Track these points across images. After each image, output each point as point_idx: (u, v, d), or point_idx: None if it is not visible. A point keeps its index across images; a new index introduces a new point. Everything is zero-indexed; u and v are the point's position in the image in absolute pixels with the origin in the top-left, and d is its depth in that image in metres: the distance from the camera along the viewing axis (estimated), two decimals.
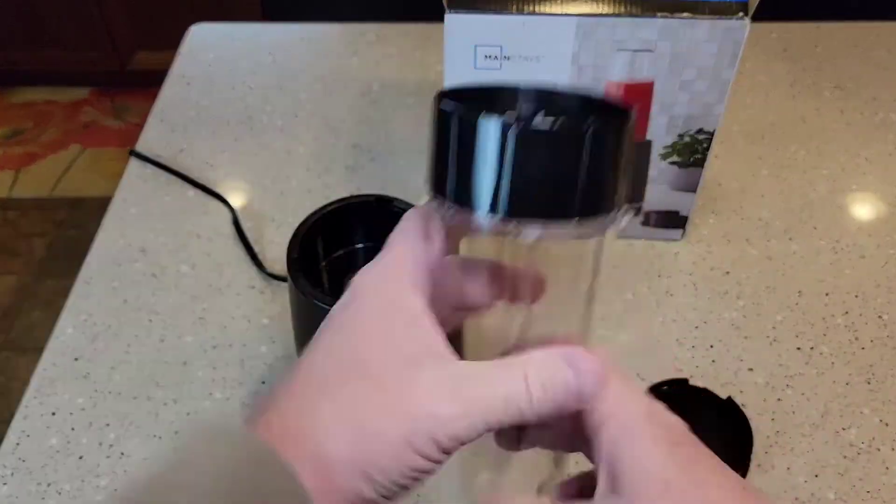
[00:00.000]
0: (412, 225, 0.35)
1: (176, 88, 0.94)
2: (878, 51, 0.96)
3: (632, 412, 0.32)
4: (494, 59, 0.62)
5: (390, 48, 0.98)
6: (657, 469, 0.30)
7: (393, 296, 0.32)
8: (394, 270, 0.33)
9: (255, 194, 0.81)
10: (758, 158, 0.83)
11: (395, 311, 0.32)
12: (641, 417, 0.32)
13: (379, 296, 0.33)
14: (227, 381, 0.64)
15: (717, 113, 0.64)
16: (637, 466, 0.31)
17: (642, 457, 0.31)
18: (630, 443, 0.31)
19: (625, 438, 0.31)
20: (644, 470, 0.30)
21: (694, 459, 0.31)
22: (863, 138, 0.85)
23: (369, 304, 0.33)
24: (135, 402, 0.63)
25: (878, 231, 0.76)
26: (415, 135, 0.87)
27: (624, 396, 0.33)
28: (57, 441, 0.61)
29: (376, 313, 0.32)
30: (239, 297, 0.71)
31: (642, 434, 0.31)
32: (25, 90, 2.42)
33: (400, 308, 0.32)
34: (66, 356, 0.66)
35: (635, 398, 0.33)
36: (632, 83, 0.63)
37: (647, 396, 0.33)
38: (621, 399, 0.32)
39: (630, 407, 0.32)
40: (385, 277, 0.33)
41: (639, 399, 0.33)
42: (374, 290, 0.33)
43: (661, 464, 0.30)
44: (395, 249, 0.34)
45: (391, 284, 0.33)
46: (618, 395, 0.32)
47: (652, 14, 0.59)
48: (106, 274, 0.73)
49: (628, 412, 0.32)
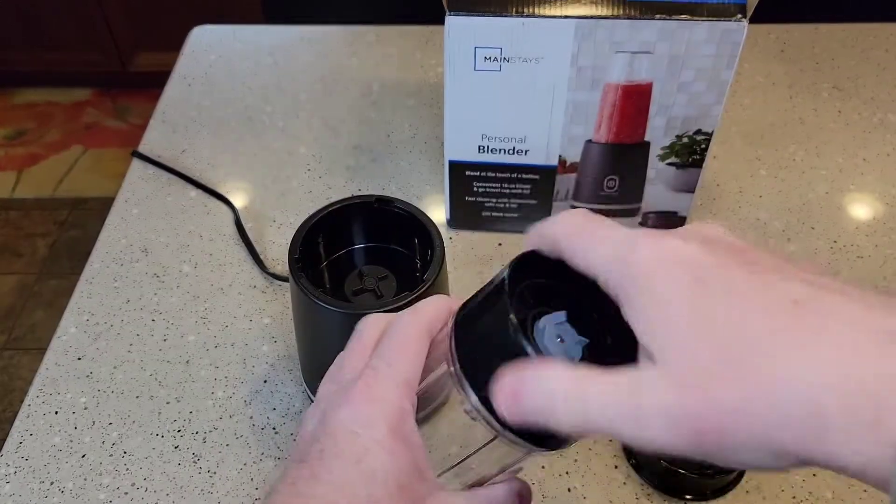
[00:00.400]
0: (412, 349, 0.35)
1: (178, 89, 0.94)
2: (876, 51, 0.97)
3: (633, 260, 0.28)
4: (494, 61, 0.63)
5: (390, 49, 0.99)
6: (683, 319, 0.26)
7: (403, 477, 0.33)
8: (395, 426, 0.33)
9: (256, 194, 0.81)
10: (756, 159, 0.84)
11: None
12: (648, 261, 0.28)
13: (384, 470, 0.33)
14: (229, 379, 0.65)
15: (716, 114, 0.65)
16: (660, 324, 0.27)
17: (662, 311, 0.27)
18: (644, 298, 0.28)
19: (636, 294, 0.28)
20: (669, 326, 0.27)
21: (731, 286, 0.26)
22: (861, 139, 0.86)
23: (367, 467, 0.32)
24: (137, 401, 0.64)
25: (875, 231, 0.76)
26: (415, 136, 0.87)
27: (612, 246, 0.29)
28: (59, 440, 0.61)
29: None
30: (241, 297, 0.71)
31: (652, 282, 0.27)
32: (28, 91, 2.42)
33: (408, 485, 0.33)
34: (69, 355, 0.67)
35: (628, 240, 0.29)
36: (630, 84, 0.63)
37: (649, 233, 0.29)
38: (612, 250, 0.29)
39: (626, 253, 0.29)
40: (384, 432, 0.33)
41: (634, 240, 0.29)
42: (370, 445, 0.33)
43: (686, 310, 0.26)
44: (390, 384, 0.34)
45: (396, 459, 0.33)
46: (606, 247, 0.29)
47: (651, 16, 0.59)
48: (108, 274, 0.73)
49: (628, 262, 0.28)
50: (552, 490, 0.57)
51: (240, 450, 0.61)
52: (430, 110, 0.90)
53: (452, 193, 0.74)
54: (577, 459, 0.59)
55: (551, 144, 0.68)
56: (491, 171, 0.71)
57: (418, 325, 0.36)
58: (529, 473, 0.59)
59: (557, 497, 0.57)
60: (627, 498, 0.57)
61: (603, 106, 0.65)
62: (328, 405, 0.35)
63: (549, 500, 0.57)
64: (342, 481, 0.32)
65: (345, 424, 0.33)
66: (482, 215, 0.75)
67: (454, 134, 0.69)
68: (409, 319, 0.36)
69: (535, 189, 0.72)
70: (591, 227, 0.31)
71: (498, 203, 0.74)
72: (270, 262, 0.74)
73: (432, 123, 0.88)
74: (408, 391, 0.34)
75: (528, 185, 0.72)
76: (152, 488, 0.58)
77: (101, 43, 2.23)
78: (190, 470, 0.59)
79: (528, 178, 0.71)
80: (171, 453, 0.60)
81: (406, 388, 0.34)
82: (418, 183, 0.82)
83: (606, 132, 0.67)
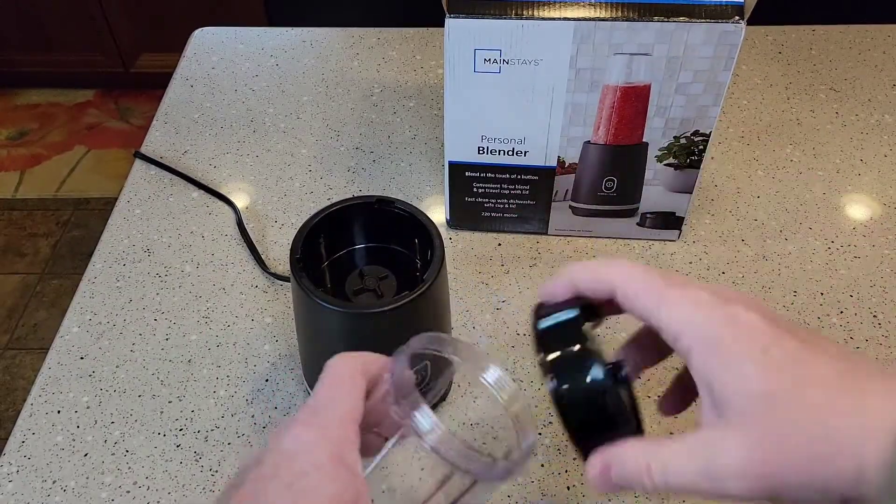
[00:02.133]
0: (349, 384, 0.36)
1: (180, 91, 0.95)
2: (872, 53, 0.97)
3: (706, 323, 0.31)
4: (494, 63, 0.63)
5: (391, 52, 0.99)
6: (755, 385, 0.30)
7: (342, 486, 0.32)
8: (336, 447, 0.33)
9: (258, 195, 0.82)
10: (753, 160, 0.84)
11: None
12: (720, 325, 0.31)
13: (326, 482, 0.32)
14: (231, 378, 0.65)
15: (713, 115, 0.65)
16: (732, 387, 0.30)
17: (735, 374, 0.30)
18: (718, 360, 0.31)
19: (710, 356, 0.31)
20: (741, 390, 0.30)
21: (792, 356, 0.30)
22: (858, 140, 0.86)
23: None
24: (139, 400, 0.64)
25: (872, 231, 0.76)
26: (415, 137, 0.88)
27: (691, 307, 0.32)
28: (62, 439, 0.62)
29: None
30: (242, 297, 0.72)
31: (727, 347, 0.31)
32: (30, 92, 2.43)
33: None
34: (72, 355, 0.67)
35: (704, 303, 0.32)
36: (629, 86, 0.64)
37: (716, 296, 0.32)
38: (689, 312, 0.32)
39: (701, 318, 0.32)
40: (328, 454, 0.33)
41: (709, 304, 0.32)
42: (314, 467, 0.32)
43: (758, 377, 0.30)
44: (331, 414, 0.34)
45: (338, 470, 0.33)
46: (682, 307, 0.32)
47: (649, 18, 0.60)
48: (111, 273, 0.74)
49: (703, 324, 0.31)
50: (551, 488, 0.58)
51: (241, 448, 0.61)
52: (430, 112, 0.91)
53: (452, 194, 0.74)
54: (577, 458, 0.60)
55: (550, 145, 0.69)
56: (490, 171, 0.71)
57: (348, 363, 0.36)
58: (529, 472, 0.59)
59: (557, 495, 0.58)
60: (627, 497, 0.58)
61: (601, 107, 0.65)
62: (272, 436, 0.35)
63: (548, 498, 0.57)
64: (276, 501, 0.31)
65: (285, 448, 0.33)
66: (482, 216, 0.75)
67: (454, 135, 0.69)
68: (339, 360, 0.37)
69: (534, 190, 0.72)
70: (657, 286, 0.34)
71: (497, 203, 0.74)
72: (272, 262, 0.75)
73: (432, 125, 0.89)
74: (350, 423, 0.34)
75: (528, 185, 0.72)
76: (154, 487, 0.59)
77: (104, 44, 2.24)
78: (192, 468, 0.60)
79: (528, 178, 0.72)
80: (173, 452, 0.61)
81: (349, 420, 0.34)
82: (418, 183, 0.82)
83: (605, 133, 0.67)
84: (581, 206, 0.73)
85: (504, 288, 0.72)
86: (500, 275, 0.73)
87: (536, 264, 0.74)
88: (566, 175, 0.71)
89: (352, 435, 0.34)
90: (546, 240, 0.76)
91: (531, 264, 0.74)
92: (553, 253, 0.75)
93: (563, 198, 0.73)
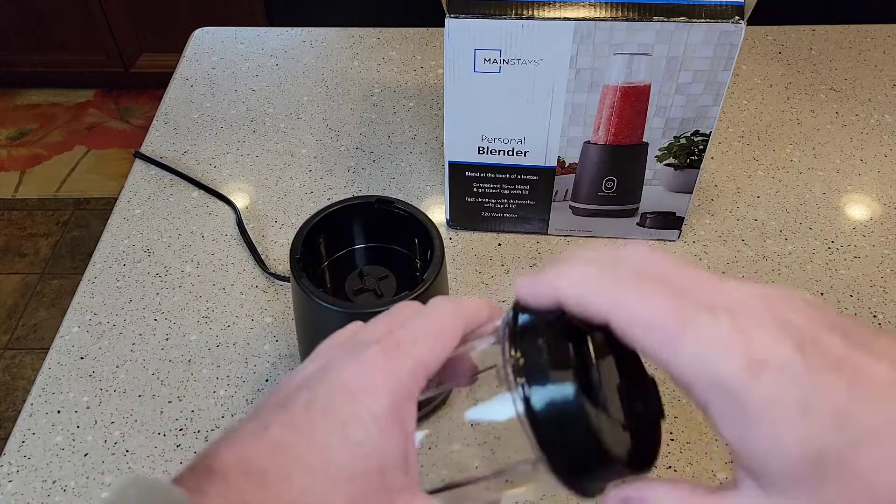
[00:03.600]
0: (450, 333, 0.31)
1: (180, 91, 0.95)
2: (872, 53, 0.97)
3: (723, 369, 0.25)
4: (494, 63, 0.63)
5: (391, 52, 0.99)
6: (796, 451, 0.25)
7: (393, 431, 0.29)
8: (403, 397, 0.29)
9: (258, 195, 0.82)
10: (753, 160, 0.84)
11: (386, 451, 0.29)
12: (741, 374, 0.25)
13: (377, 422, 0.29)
14: (231, 378, 0.65)
15: (713, 115, 0.65)
16: (770, 459, 0.25)
17: (770, 445, 0.25)
18: (745, 427, 0.25)
19: (735, 420, 0.26)
20: (781, 464, 0.25)
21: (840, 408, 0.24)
22: (858, 140, 0.86)
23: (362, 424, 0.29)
24: (139, 400, 0.64)
25: (872, 231, 0.77)
26: (415, 137, 0.88)
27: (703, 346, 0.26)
28: (62, 439, 0.62)
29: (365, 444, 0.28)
30: (242, 297, 0.72)
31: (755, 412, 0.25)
32: (30, 92, 2.43)
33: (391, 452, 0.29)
34: (72, 355, 0.67)
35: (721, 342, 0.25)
36: (629, 86, 0.64)
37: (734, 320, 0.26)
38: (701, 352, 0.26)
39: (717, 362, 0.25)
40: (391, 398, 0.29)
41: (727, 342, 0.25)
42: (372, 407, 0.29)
43: (799, 447, 0.25)
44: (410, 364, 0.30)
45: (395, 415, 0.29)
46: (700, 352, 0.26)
47: (649, 18, 0.60)
48: (111, 273, 0.74)
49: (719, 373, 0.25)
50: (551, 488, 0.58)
51: None
52: (430, 112, 0.91)
53: (452, 194, 0.74)
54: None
55: (550, 145, 0.69)
56: (490, 171, 0.71)
57: (458, 315, 0.32)
58: None
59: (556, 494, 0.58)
60: None
61: (601, 107, 0.65)
62: (332, 359, 0.31)
63: (547, 498, 0.57)
64: (322, 441, 0.28)
65: (345, 382, 0.29)
66: (482, 216, 0.76)
67: (454, 135, 0.69)
68: (450, 307, 0.32)
69: (534, 190, 0.72)
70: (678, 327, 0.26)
71: (497, 203, 0.74)
72: (272, 262, 0.75)
73: (432, 125, 0.89)
74: (423, 376, 0.30)
75: (528, 185, 0.72)
76: None
77: (104, 44, 2.24)
78: None
79: (528, 178, 0.72)
80: (174, 452, 0.61)
81: (423, 373, 0.30)
82: (418, 183, 0.82)
83: (605, 133, 0.67)
84: (581, 206, 0.73)
85: (504, 288, 0.72)
86: (500, 275, 0.73)
87: (536, 264, 0.74)
88: (566, 175, 0.71)
89: (417, 390, 0.30)
90: (546, 240, 0.76)
91: (531, 264, 0.74)
92: (553, 253, 0.75)
93: (563, 198, 0.73)
